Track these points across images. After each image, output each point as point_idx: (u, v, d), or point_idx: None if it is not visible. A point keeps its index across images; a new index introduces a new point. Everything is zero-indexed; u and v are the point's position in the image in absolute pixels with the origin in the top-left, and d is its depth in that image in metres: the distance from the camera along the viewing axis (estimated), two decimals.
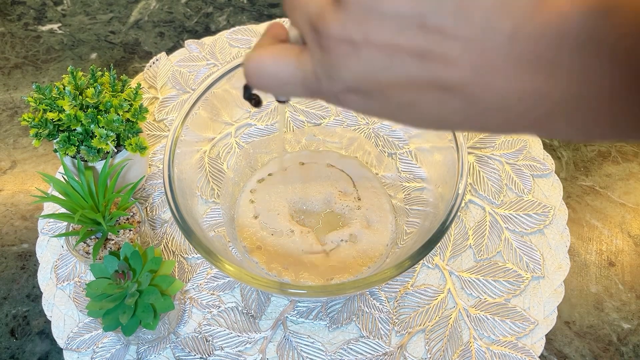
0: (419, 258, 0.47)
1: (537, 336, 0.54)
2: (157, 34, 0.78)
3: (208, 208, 0.59)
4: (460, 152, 0.52)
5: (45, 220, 0.61)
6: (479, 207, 0.61)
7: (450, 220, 0.48)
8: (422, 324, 0.54)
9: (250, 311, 0.55)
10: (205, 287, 0.56)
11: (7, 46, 0.77)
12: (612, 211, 0.62)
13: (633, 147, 0.67)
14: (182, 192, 0.52)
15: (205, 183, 0.61)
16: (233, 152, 0.64)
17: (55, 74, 0.74)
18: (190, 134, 0.56)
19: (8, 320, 0.56)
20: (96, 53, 0.76)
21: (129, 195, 0.53)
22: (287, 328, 0.54)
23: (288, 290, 0.46)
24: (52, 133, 0.54)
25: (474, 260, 0.58)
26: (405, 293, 0.56)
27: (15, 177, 0.65)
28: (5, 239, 0.61)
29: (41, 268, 0.58)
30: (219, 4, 0.82)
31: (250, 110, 0.67)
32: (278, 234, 0.58)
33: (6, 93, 0.72)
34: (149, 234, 0.58)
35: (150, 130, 0.67)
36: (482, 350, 0.53)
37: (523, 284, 0.56)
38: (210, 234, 0.56)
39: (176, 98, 0.70)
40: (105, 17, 0.80)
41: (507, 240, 0.59)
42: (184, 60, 0.74)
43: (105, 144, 0.53)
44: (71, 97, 0.53)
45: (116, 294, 0.47)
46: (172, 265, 0.50)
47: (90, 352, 0.53)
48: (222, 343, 0.53)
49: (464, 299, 0.56)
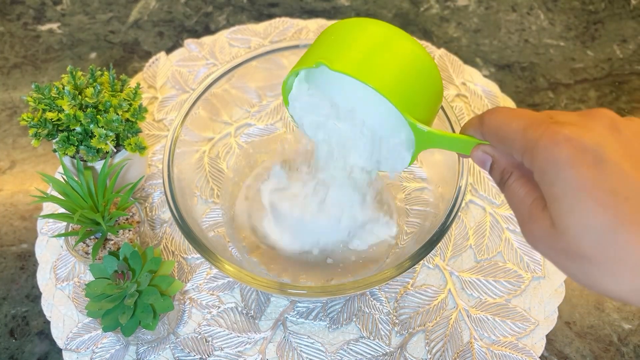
0: (419, 258, 0.46)
1: (537, 336, 0.54)
2: (157, 33, 0.78)
3: (208, 208, 0.59)
4: None
5: (45, 220, 0.61)
6: (480, 207, 0.61)
7: (450, 221, 0.48)
8: (423, 325, 0.54)
9: (250, 311, 0.55)
10: (204, 288, 0.56)
11: (6, 46, 0.77)
12: None
13: None
14: (182, 192, 0.52)
15: (205, 183, 0.60)
16: (233, 152, 0.64)
17: (55, 73, 0.74)
18: (189, 134, 0.56)
19: (7, 320, 0.56)
20: (95, 53, 0.76)
21: (129, 195, 0.53)
22: (287, 328, 0.54)
23: (288, 290, 0.46)
24: (51, 133, 0.54)
25: (474, 261, 0.58)
26: (405, 293, 0.56)
27: (14, 177, 0.65)
28: (5, 239, 0.61)
29: (40, 268, 0.58)
30: (218, 3, 0.81)
31: (250, 110, 0.67)
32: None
33: (5, 93, 0.72)
34: (148, 234, 0.58)
35: (150, 130, 0.67)
36: (482, 351, 0.53)
37: (523, 284, 0.56)
38: (209, 234, 0.56)
39: (175, 98, 0.70)
40: (104, 17, 0.80)
41: (507, 241, 0.59)
42: (183, 60, 0.74)
43: (104, 143, 0.53)
44: (70, 97, 0.53)
45: (115, 294, 0.47)
46: (172, 266, 0.50)
47: (89, 352, 0.53)
48: (222, 343, 0.53)
49: (464, 299, 0.56)
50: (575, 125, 0.27)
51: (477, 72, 0.72)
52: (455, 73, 0.72)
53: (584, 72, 0.74)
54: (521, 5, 0.81)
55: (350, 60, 0.38)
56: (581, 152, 0.26)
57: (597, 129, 0.27)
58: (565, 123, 0.27)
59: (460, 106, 0.69)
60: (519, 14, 0.80)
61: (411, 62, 0.39)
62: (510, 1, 0.82)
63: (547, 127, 0.28)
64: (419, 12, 0.80)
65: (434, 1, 0.81)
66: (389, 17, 0.79)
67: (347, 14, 0.80)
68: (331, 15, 0.79)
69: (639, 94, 0.72)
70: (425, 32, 0.77)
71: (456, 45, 0.76)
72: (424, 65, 0.39)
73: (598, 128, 0.27)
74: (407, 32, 0.39)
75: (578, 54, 0.76)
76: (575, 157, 0.26)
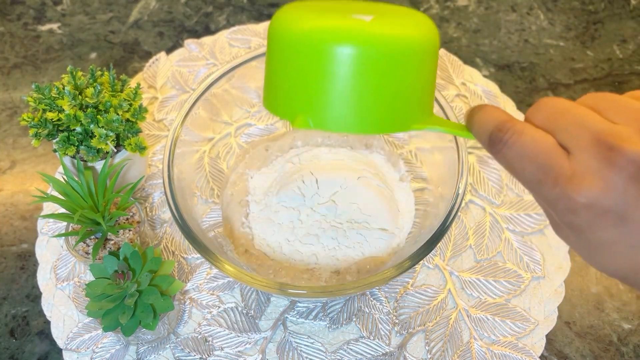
0: (419, 258, 0.47)
1: (537, 336, 0.54)
2: (157, 33, 0.78)
3: (208, 208, 0.59)
4: (461, 152, 0.52)
5: (45, 220, 0.61)
6: (479, 207, 0.61)
7: (450, 221, 0.48)
8: (422, 324, 0.54)
9: (250, 311, 0.55)
10: (205, 287, 0.56)
11: (6, 46, 0.77)
12: None
13: None
14: (182, 192, 0.52)
15: (205, 183, 0.60)
16: (233, 152, 0.64)
17: (55, 73, 0.74)
18: (189, 134, 0.56)
19: (7, 320, 0.56)
20: (96, 53, 0.76)
21: (129, 195, 0.53)
22: (287, 328, 0.54)
23: (288, 290, 0.46)
24: (51, 133, 0.54)
25: (474, 261, 0.58)
26: (405, 293, 0.56)
27: (14, 177, 0.65)
28: (5, 239, 0.61)
29: (40, 268, 0.58)
30: (218, 3, 0.81)
31: (250, 110, 0.67)
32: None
33: (5, 93, 0.72)
34: (148, 234, 0.58)
35: (150, 130, 0.67)
36: (482, 351, 0.53)
37: (523, 284, 0.56)
38: (209, 234, 0.56)
39: (176, 98, 0.70)
40: (104, 17, 0.80)
41: (507, 241, 0.59)
42: (183, 60, 0.74)
43: (104, 143, 0.53)
44: (71, 97, 0.53)
45: (116, 294, 0.47)
46: (172, 266, 0.50)
47: (89, 352, 0.53)
48: (222, 343, 0.53)
49: (464, 299, 0.56)
50: (594, 180, 0.25)
51: (477, 72, 0.72)
52: (455, 73, 0.72)
53: (583, 72, 0.74)
54: (521, 5, 0.81)
55: (338, 114, 0.30)
56: (601, 216, 0.25)
57: (619, 184, 0.25)
58: (583, 180, 0.25)
59: (460, 106, 0.69)
60: (519, 14, 0.80)
61: (395, 72, 0.31)
62: (510, 1, 0.82)
63: (562, 190, 0.26)
64: None
65: (434, 1, 0.81)
66: None
67: None
68: None
69: None
70: None
71: (456, 45, 0.76)
72: (409, 56, 0.31)
73: (620, 183, 0.25)
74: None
75: (578, 54, 0.76)
76: (596, 222, 0.26)
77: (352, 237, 0.55)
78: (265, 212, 0.57)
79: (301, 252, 0.55)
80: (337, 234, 0.55)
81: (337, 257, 0.55)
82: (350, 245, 0.55)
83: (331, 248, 0.55)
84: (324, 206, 0.56)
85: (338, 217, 0.56)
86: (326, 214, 0.56)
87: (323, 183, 0.57)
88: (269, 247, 0.56)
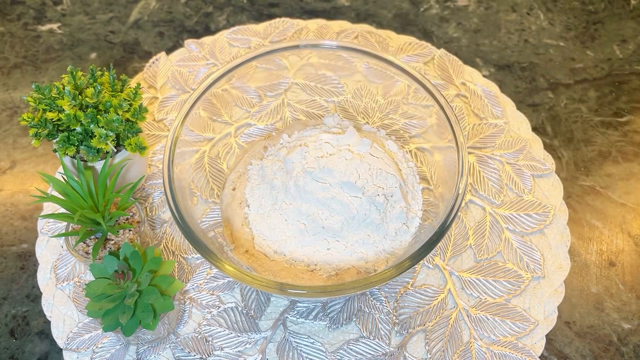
0: (419, 258, 0.47)
1: (537, 336, 0.54)
2: (157, 33, 0.78)
3: (208, 208, 0.59)
4: (461, 152, 0.52)
5: (45, 220, 0.61)
6: (479, 207, 0.61)
7: (450, 221, 0.48)
8: (422, 324, 0.54)
9: (250, 311, 0.55)
10: (205, 287, 0.56)
11: (6, 46, 0.77)
12: (613, 211, 0.62)
13: (634, 147, 0.67)
14: (182, 192, 0.52)
15: (205, 183, 0.60)
16: (233, 152, 0.64)
17: (55, 73, 0.74)
18: (189, 134, 0.56)
19: (7, 320, 0.56)
20: (96, 53, 0.76)
21: (129, 195, 0.53)
22: (287, 328, 0.54)
23: (288, 290, 0.46)
24: (51, 133, 0.54)
25: (474, 261, 0.58)
26: (405, 293, 0.56)
27: (14, 177, 0.65)
28: (5, 239, 0.61)
29: (41, 268, 0.58)
30: (218, 3, 0.81)
31: (250, 110, 0.67)
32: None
33: (5, 93, 0.72)
34: (148, 234, 0.58)
35: (150, 130, 0.67)
36: (482, 351, 0.53)
37: (523, 284, 0.56)
38: (209, 234, 0.56)
39: (176, 98, 0.70)
40: (104, 17, 0.80)
41: (507, 241, 0.59)
42: (183, 60, 0.74)
43: (104, 143, 0.53)
44: (71, 97, 0.53)
45: (116, 294, 0.47)
46: (172, 266, 0.50)
47: (89, 352, 0.53)
48: (222, 343, 0.53)
49: (464, 299, 0.56)
50: None
51: (477, 72, 0.72)
52: (455, 73, 0.72)
53: (583, 72, 0.74)
54: (521, 6, 0.81)
55: None
56: None
57: None
58: None
59: (460, 106, 0.69)
60: (519, 14, 0.80)
61: None
62: (510, 1, 0.82)
63: None
64: (419, 12, 0.80)
65: (434, 1, 0.81)
66: (389, 17, 0.79)
67: (347, 14, 0.80)
68: (331, 16, 0.79)
69: (638, 94, 0.72)
70: (425, 32, 0.77)
71: (456, 46, 0.76)
72: None
73: None
74: (407, 32, 0.36)
75: (578, 54, 0.76)
76: None
77: (352, 237, 0.55)
78: (265, 212, 0.57)
79: (301, 253, 0.55)
80: (337, 234, 0.55)
81: (337, 257, 0.55)
82: (350, 245, 0.55)
83: (331, 248, 0.55)
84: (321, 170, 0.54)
85: (337, 216, 0.56)
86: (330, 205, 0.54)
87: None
88: (269, 247, 0.56)
